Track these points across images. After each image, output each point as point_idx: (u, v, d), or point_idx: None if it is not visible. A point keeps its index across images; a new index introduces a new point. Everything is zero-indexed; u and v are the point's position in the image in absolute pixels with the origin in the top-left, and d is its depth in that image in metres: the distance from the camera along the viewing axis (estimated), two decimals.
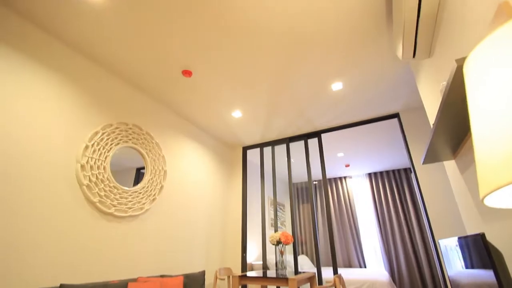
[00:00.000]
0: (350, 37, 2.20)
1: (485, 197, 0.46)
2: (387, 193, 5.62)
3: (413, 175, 3.09)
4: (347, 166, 5.52)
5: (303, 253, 6.06)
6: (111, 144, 2.38)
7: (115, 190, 2.32)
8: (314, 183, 6.63)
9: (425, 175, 2.99)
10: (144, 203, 2.58)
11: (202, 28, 2.08)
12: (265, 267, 3.67)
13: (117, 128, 2.46)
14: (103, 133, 2.33)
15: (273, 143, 4.17)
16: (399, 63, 2.52)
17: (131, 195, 2.46)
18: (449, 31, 1.37)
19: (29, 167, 1.81)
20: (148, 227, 2.62)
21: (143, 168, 2.69)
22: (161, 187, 2.83)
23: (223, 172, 4.13)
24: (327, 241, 5.91)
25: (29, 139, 1.85)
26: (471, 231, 1.51)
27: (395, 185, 5.58)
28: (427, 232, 2.83)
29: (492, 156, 0.44)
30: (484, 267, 0.94)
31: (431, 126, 1.92)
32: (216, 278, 2.89)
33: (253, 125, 3.71)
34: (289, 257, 5.05)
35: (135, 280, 2.18)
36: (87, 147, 2.17)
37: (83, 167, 2.11)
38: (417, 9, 1.49)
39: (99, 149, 2.26)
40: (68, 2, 1.85)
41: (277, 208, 5.74)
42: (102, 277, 2.11)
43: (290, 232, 6.07)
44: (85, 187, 2.09)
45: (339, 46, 2.28)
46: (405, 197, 5.43)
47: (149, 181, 2.68)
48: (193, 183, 3.39)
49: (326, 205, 3.46)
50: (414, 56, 1.81)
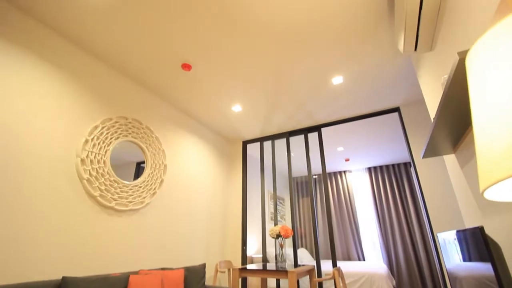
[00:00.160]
0: (351, 31, 2.17)
1: (485, 190, 0.46)
2: (386, 187, 5.64)
3: (412, 170, 3.10)
4: (347, 160, 5.53)
5: (302, 246, 6.12)
6: (111, 138, 2.38)
7: (116, 184, 2.33)
8: (314, 177, 6.65)
9: (425, 169, 3.00)
10: (144, 197, 2.59)
11: (201, 21, 2.06)
12: (265, 260, 3.71)
13: (116, 122, 2.46)
14: (103, 127, 2.32)
15: (273, 137, 4.16)
16: (400, 57, 2.50)
17: (131, 189, 2.47)
18: (451, 24, 1.35)
19: (29, 162, 1.82)
20: (148, 220, 2.64)
21: (143, 162, 2.69)
22: (161, 181, 2.84)
23: (223, 166, 4.14)
24: (327, 235, 5.96)
25: (28, 134, 1.84)
26: (470, 225, 1.52)
27: (395, 179, 5.60)
28: (426, 225, 2.85)
29: (493, 149, 0.44)
30: (482, 260, 0.95)
31: (432, 120, 1.91)
32: (216, 270, 2.93)
33: (253, 119, 3.70)
34: (288, 250, 5.10)
35: (136, 272, 2.20)
36: (87, 141, 2.17)
37: (83, 161, 2.11)
38: (420, 1, 1.47)
39: (99, 143, 2.26)
40: None
41: (277, 202, 5.76)
42: (103, 271, 2.13)
43: (289, 225, 6.11)
44: (85, 181, 2.10)
45: (340, 39, 2.26)
46: (404, 191, 5.46)
47: (149, 175, 2.69)
48: (193, 177, 3.40)
49: (325, 199, 3.48)
50: (415, 49, 1.80)
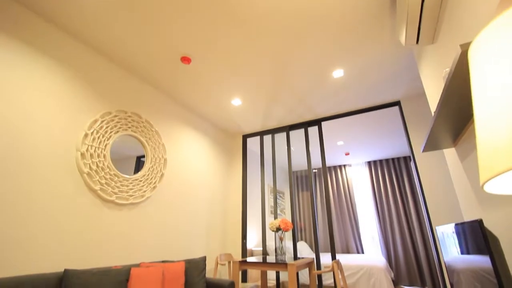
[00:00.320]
0: (352, 23, 2.15)
1: (485, 183, 0.46)
2: (386, 181, 5.66)
3: (412, 163, 3.10)
4: (347, 154, 5.53)
5: (302, 240, 6.18)
6: (111, 132, 2.37)
7: (116, 178, 2.33)
8: (313, 171, 6.67)
9: (425, 163, 3.00)
10: (145, 191, 2.60)
11: (200, 14, 2.03)
12: (265, 253, 3.75)
13: (116, 116, 2.45)
14: (102, 121, 2.31)
15: (273, 131, 4.15)
16: (402, 50, 2.48)
17: (131, 183, 2.48)
18: (453, 16, 1.33)
19: (30, 156, 1.81)
20: (149, 214, 2.65)
21: (143, 156, 2.69)
22: (162, 175, 2.84)
23: (223, 160, 4.14)
24: (326, 228, 6.01)
25: (28, 128, 1.84)
26: (469, 219, 1.53)
27: (394, 173, 5.61)
28: (425, 219, 2.87)
29: (494, 142, 0.43)
30: (480, 252, 0.96)
31: (432, 113, 1.91)
32: (217, 263, 2.96)
33: (253, 113, 3.69)
34: (288, 244, 5.15)
35: (137, 265, 2.22)
36: (86, 135, 2.17)
37: (83, 155, 2.11)
38: None
39: (98, 137, 2.26)
40: None
41: (277, 195, 5.79)
42: (104, 264, 2.16)
43: (289, 219, 6.16)
44: (85, 175, 2.10)
45: (340, 32, 2.24)
46: (403, 185, 5.48)
47: (149, 169, 2.69)
48: (193, 171, 3.40)
49: (325, 193, 3.49)
50: (417, 42, 1.78)
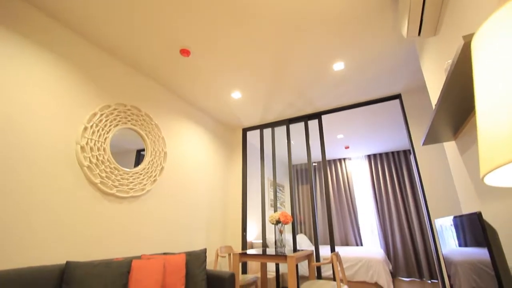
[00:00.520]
0: (353, 15, 2.11)
1: (485, 175, 0.46)
2: (385, 174, 5.68)
3: (412, 157, 3.10)
4: (347, 148, 5.53)
5: (301, 232, 6.23)
6: (110, 125, 2.36)
7: (116, 171, 2.34)
8: (313, 164, 6.68)
9: (424, 156, 3.00)
10: (145, 184, 2.61)
11: (199, 6, 2.00)
12: (264, 246, 3.78)
13: (115, 109, 2.43)
14: (101, 114, 2.30)
15: (273, 125, 4.14)
16: (403, 43, 2.45)
17: (132, 176, 2.48)
18: (456, 8, 1.31)
19: (30, 149, 1.81)
20: (150, 207, 2.67)
21: (143, 150, 2.69)
22: (162, 168, 2.85)
23: (223, 153, 4.14)
24: (325, 221, 6.05)
25: (27, 122, 1.83)
26: (468, 212, 1.54)
27: (394, 166, 5.63)
28: (424, 212, 2.88)
29: (496, 134, 0.43)
30: (478, 245, 0.96)
31: (433, 106, 1.90)
32: (217, 255, 2.99)
33: (253, 106, 3.67)
34: (288, 236, 5.20)
35: (138, 257, 2.25)
36: (86, 128, 2.16)
37: (82, 148, 2.11)
38: None
39: (98, 131, 2.25)
40: None
41: (277, 189, 5.82)
42: (105, 256, 2.17)
43: (289, 212, 6.20)
44: (86, 168, 2.10)
45: (341, 24, 2.20)
46: (403, 179, 5.49)
47: (149, 162, 2.69)
48: (193, 164, 3.41)
49: (325, 186, 3.50)
50: (419, 34, 1.76)
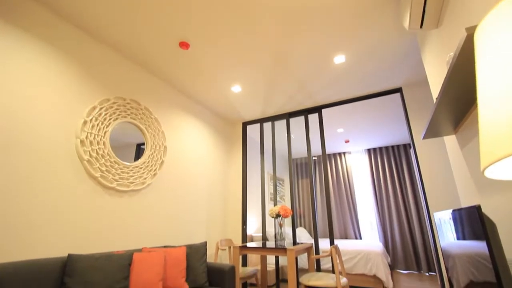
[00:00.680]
0: (354, 8, 2.09)
1: (486, 168, 0.45)
2: (385, 168, 5.69)
3: (412, 151, 3.11)
4: (347, 142, 5.53)
5: (301, 226, 6.28)
6: (110, 119, 2.35)
7: (116, 165, 2.34)
8: (313, 158, 6.69)
9: (424, 150, 3.01)
10: (145, 178, 2.61)
11: None
12: (264, 239, 3.82)
13: (114, 103, 2.42)
14: (101, 108, 2.29)
15: (273, 119, 4.13)
16: (404, 36, 2.42)
17: (132, 170, 2.49)
18: (460, 0, 1.29)
19: (30, 143, 1.81)
20: (150, 200, 2.68)
21: (143, 143, 2.69)
22: (162, 162, 2.85)
23: (223, 147, 4.14)
24: (325, 214, 6.09)
25: (28, 115, 1.82)
26: (467, 205, 1.54)
27: (394, 160, 5.64)
28: (423, 206, 2.90)
29: (497, 127, 0.43)
30: (477, 238, 0.97)
31: (434, 100, 1.89)
32: (217, 248, 3.02)
33: (253, 100, 3.65)
34: (288, 230, 5.24)
35: (139, 250, 2.27)
36: (85, 122, 2.15)
37: (82, 142, 2.11)
38: None
39: (97, 125, 2.24)
40: None
41: (277, 183, 5.84)
42: (106, 249, 2.19)
43: (289, 206, 6.24)
44: (86, 162, 2.10)
45: (343, 17, 2.18)
46: (402, 173, 5.51)
47: (149, 156, 2.69)
48: (193, 158, 3.41)
49: (325, 180, 3.51)
50: (421, 26, 1.73)
